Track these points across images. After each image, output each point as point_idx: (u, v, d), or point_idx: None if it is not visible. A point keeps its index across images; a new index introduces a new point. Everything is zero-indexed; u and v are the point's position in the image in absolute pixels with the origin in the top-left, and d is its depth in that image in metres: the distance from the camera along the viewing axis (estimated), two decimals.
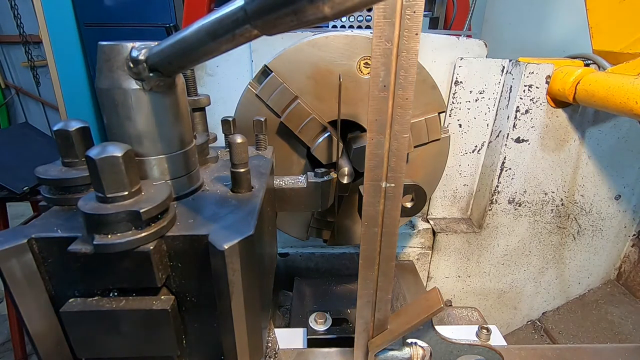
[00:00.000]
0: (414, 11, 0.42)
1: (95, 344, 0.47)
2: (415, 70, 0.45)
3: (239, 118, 0.88)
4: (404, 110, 0.47)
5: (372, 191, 0.51)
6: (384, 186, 0.51)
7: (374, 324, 0.62)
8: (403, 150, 0.49)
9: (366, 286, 0.58)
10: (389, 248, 0.55)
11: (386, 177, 0.50)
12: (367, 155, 0.50)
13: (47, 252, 0.45)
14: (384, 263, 0.56)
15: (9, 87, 4.73)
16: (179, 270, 0.47)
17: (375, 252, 0.55)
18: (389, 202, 0.52)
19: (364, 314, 0.61)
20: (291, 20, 0.31)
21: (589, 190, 1.28)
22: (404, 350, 0.63)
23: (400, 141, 0.48)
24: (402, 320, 0.61)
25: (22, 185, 1.91)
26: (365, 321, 0.62)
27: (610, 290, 1.45)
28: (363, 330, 0.63)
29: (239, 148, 0.55)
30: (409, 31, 0.43)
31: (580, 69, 1.03)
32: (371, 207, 0.52)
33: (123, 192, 0.41)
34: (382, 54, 0.44)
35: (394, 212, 0.52)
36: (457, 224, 1.35)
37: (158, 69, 0.45)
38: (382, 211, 0.52)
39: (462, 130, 1.24)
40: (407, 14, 0.42)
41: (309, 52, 0.84)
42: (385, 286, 0.58)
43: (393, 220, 0.53)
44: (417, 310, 0.60)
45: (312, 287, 1.22)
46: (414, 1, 0.41)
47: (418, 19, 0.42)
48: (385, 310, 0.60)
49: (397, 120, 0.47)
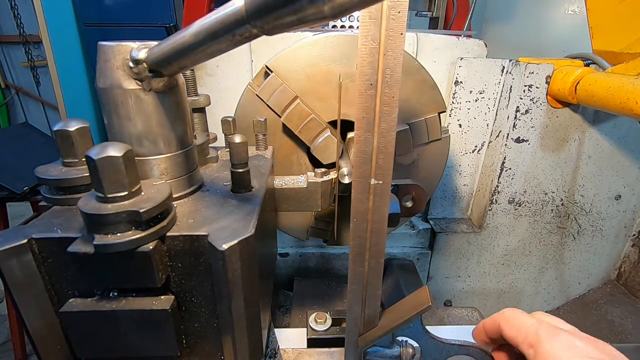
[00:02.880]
0: (398, 11, 0.43)
1: (95, 344, 0.47)
2: (401, 69, 0.46)
3: (239, 118, 0.88)
4: (391, 108, 0.47)
5: (360, 188, 0.52)
6: (372, 183, 0.51)
7: (364, 319, 0.62)
8: (390, 148, 0.49)
9: (356, 282, 0.59)
10: (378, 244, 0.56)
11: (374, 174, 0.51)
12: (355, 152, 0.50)
13: (47, 252, 0.45)
14: (374, 259, 0.57)
15: (9, 87, 4.74)
16: (179, 270, 0.48)
17: (365, 248, 0.56)
18: (378, 199, 0.52)
19: (354, 309, 0.61)
20: (291, 20, 0.31)
21: (589, 190, 1.28)
22: (394, 349, 0.64)
23: (387, 138, 0.49)
24: (392, 317, 0.61)
25: (22, 185, 1.91)
26: (355, 317, 0.62)
27: (610, 290, 1.45)
28: (353, 326, 0.63)
29: (239, 148, 0.55)
30: (394, 31, 0.44)
31: (580, 69, 1.03)
32: (360, 204, 0.53)
33: (123, 192, 0.41)
34: (368, 52, 0.45)
35: (382, 208, 0.53)
36: (457, 224, 1.34)
37: (158, 69, 0.45)
38: (371, 208, 0.53)
39: (462, 130, 1.24)
40: (392, 14, 0.43)
41: (309, 52, 0.84)
42: (375, 282, 0.59)
43: (382, 216, 0.53)
44: (406, 307, 0.60)
45: (312, 287, 1.22)
46: (398, 2, 0.42)
47: (403, 19, 0.43)
48: (374, 306, 0.61)
49: (384, 118, 0.48)
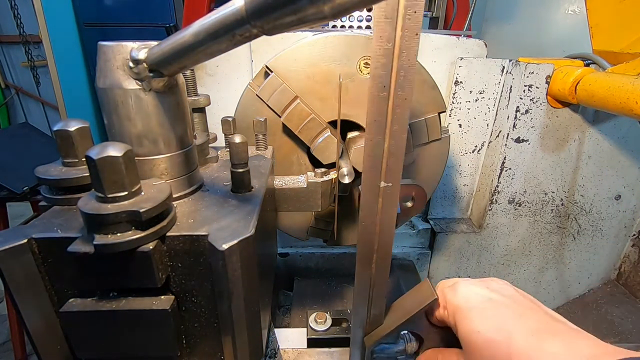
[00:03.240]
0: (414, 11, 0.42)
1: (95, 344, 0.47)
2: (415, 70, 0.45)
3: (239, 118, 0.88)
4: (403, 110, 0.47)
5: (369, 190, 0.52)
6: (382, 186, 0.51)
7: (370, 319, 0.62)
8: (401, 150, 0.49)
9: (363, 283, 0.59)
10: (386, 246, 0.56)
11: (384, 176, 0.51)
12: (366, 155, 0.50)
13: (47, 252, 0.45)
14: (381, 261, 0.57)
15: (9, 87, 4.73)
16: (179, 270, 0.48)
17: (372, 250, 0.56)
18: (386, 201, 0.52)
19: (359, 310, 0.62)
20: (291, 20, 0.31)
21: (589, 190, 1.28)
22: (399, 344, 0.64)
23: (398, 141, 0.48)
24: (396, 314, 0.61)
25: (22, 185, 1.91)
26: (361, 318, 0.62)
27: (610, 290, 1.45)
28: (359, 326, 0.63)
29: (239, 148, 0.55)
30: (409, 31, 0.43)
31: (580, 69, 1.03)
32: (369, 206, 0.53)
33: (123, 192, 0.41)
34: (382, 54, 0.44)
35: (391, 210, 0.53)
36: (457, 224, 1.34)
37: (158, 69, 0.45)
38: (379, 210, 0.53)
39: (462, 130, 1.24)
40: (408, 13, 0.42)
41: (309, 52, 0.84)
42: (381, 283, 0.59)
43: (390, 218, 0.53)
44: (411, 303, 0.60)
45: (312, 287, 1.22)
46: (415, 1, 0.41)
47: (419, 18, 0.42)
48: (380, 306, 0.61)
49: (396, 120, 0.47)
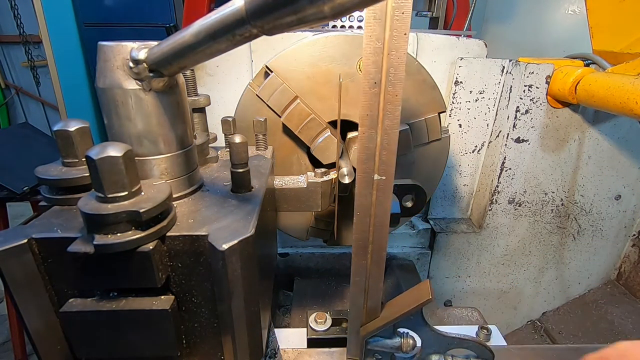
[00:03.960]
0: (402, 12, 0.44)
1: (95, 344, 0.47)
2: (404, 68, 0.47)
3: (239, 118, 0.88)
4: (394, 106, 0.49)
5: (364, 183, 0.54)
6: (375, 178, 0.53)
7: (367, 310, 0.64)
8: (393, 145, 0.51)
9: (359, 274, 0.61)
10: (381, 238, 0.58)
11: (378, 169, 0.53)
12: (359, 148, 0.52)
13: (47, 252, 0.45)
14: (376, 252, 0.59)
15: (9, 87, 4.73)
16: (179, 270, 0.48)
17: (368, 242, 0.58)
18: (380, 194, 0.54)
19: (356, 301, 0.64)
20: (291, 20, 0.31)
21: (589, 190, 1.28)
22: (395, 339, 0.66)
23: (390, 135, 0.51)
24: (393, 309, 0.64)
25: (22, 185, 1.91)
26: (357, 308, 0.64)
27: (610, 290, 1.45)
28: (356, 317, 0.65)
29: (239, 148, 0.55)
30: (397, 31, 0.45)
31: (580, 69, 1.03)
32: (363, 198, 0.55)
33: (123, 192, 0.41)
34: (372, 52, 0.47)
35: (385, 203, 0.55)
36: (457, 224, 1.34)
37: (158, 69, 0.45)
38: (374, 202, 0.55)
39: (462, 130, 1.24)
40: (396, 15, 0.44)
41: (309, 52, 0.84)
42: (377, 274, 0.61)
43: (384, 211, 0.56)
44: (408, 300, 0.62)
45: (312, 287, 1.22)
46: (402, 3, 0.44)
47: (406, 19, 0.45)
48: (376, 298, 0.63)
49: (388, 116, 0.50)
